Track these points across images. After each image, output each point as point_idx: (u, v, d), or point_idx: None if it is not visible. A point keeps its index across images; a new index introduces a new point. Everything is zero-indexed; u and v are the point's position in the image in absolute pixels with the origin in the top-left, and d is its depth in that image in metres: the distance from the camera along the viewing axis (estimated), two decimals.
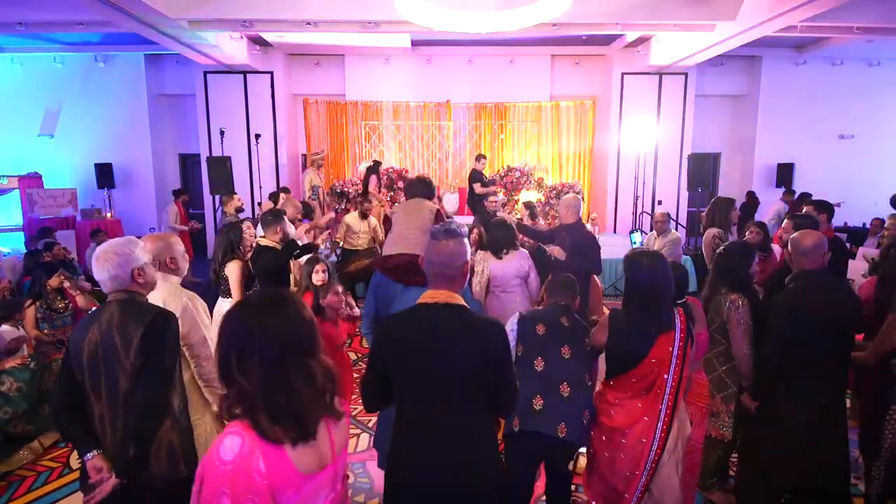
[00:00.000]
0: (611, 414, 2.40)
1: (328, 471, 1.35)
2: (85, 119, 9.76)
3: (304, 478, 1.28)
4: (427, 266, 1.83)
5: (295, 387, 1.26)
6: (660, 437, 2.29)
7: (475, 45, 9.67)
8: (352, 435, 3.95)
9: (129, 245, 2.07)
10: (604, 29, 7.57)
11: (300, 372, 1.28)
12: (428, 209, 2.75)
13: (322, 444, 1.33)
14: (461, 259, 1.79)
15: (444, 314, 1.75)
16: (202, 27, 7.13)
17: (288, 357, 1.27)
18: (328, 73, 10.25)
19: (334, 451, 1.37)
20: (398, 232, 2.75)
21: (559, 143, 10.25)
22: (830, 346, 2.54)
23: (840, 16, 6.80)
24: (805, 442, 2.55)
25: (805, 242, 2.61)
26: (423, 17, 5.72)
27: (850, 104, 10.23)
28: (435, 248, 1.80)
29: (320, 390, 1.30)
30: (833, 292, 2.59)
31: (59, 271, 4.59)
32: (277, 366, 1.25)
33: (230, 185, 8.38)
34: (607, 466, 2.42)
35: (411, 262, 2.58)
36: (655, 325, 2.31)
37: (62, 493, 3.33)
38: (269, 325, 1.27)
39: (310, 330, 1.33)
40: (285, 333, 1.28)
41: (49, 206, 9.03)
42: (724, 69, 10.21)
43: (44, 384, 3.86)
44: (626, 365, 2.35)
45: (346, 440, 1.44)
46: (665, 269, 2.34)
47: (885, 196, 10.08)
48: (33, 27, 7.29)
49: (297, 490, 1.26)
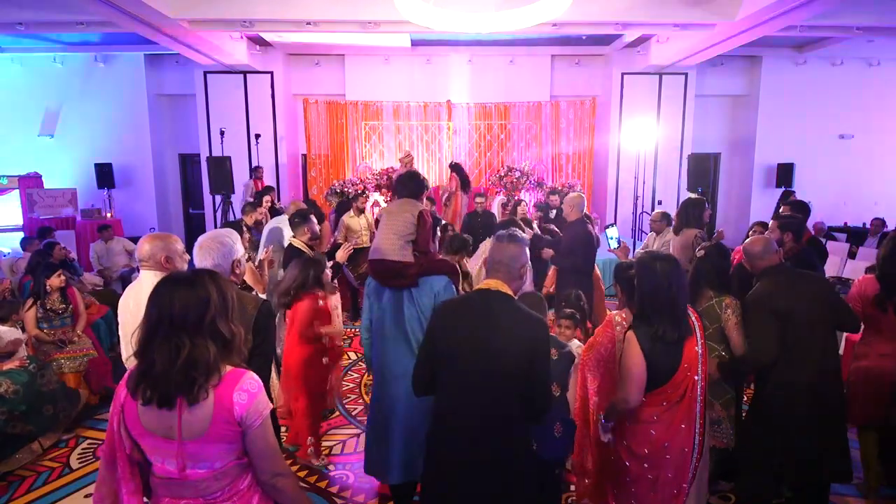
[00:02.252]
0: (650, 434, 2.22)
1: (173, 445, 1.44)
2: (85, 119, 9.76)
3: (146, 431, 1.46)
4: (490, 262, 2.05)
5: (152, 359, 1.41)
6: (699, 443, 2.22)
7: (475, 45, 9.67)
8: (352, 435, 3.95)
9: (232, 236, 2.16)
10: (604, 29, 7.57)
11: (165, 346, 1.41)
12: (409, 213, 2.64)
13: (170, 419, 1.43)
14: (520, 261, 2.02)
15: (497, 298, 1.95)
16: (202, 27, 7.13)
17: (159, 330, 1.42)
18: (328, 72, 10.25)
19: (180, 432, 1.43)
20: (378, 236, 2.71)
21: (559, 143, 10.25)
22: (813, 332, 2.61)
23: (840, 16, 6.81)
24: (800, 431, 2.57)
25: (755, 247, 2.83)
26: (422, 17, 5.71)
27: (850, 104, 10.22)
28: (498, 248, 2.04)
29: (179, 368, 1.39)
30: (803, 279, 2.77)
31: (58, 271, 4.58)
32: (146, 336, 1.43)
33: (231, 186, 8.40)
34: (650, 487, 2.25)
35: (388, 268, 2.60)
36: (681, 332, 2.21)
37: (62, 493, 3.33)
38: (163, 302, 1.44)
39: (200, 311, 1.44)
40: (168, 309, 1.42)
41: (49, 206, 9.03)
42: (724, 69, 10.21)
43: (45, 385, 3.86)
44: (662, 379, 2.20)
45: (204, 433, 1.44)
46: (680, 272, 2.25)
47: (886, 196, 10.12)
48: (33, 27, 7.29)
49: (140, 436, 1.48)
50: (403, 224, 2.63)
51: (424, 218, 2.65)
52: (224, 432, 1.46)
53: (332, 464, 3.58)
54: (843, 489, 3.27)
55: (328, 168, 10.10)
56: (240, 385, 1.47)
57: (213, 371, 1.43)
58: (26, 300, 4.52)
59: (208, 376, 1.43)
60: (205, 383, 1.42)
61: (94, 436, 4.00)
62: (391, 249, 2.59)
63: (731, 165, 10.99)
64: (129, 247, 7.80)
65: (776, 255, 2.83)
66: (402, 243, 2.59)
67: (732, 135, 10.88)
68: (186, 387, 1.40)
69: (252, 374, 1.52)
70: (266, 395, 1.54)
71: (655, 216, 5.61)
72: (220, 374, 1.46)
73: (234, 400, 1.45)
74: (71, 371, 4.29)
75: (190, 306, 1.43)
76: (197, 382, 1.40)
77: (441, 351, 1.95)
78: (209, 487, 1.50)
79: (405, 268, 2.57)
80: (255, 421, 1.48)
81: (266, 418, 1.51)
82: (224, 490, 1.52)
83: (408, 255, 2.59)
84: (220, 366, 1.47)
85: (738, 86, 10.52)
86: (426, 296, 2.58)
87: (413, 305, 2.60)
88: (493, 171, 9.98)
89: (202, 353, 1.42)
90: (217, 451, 1.48)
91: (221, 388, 1.45)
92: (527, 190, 9.52)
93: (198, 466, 1.48)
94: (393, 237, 2.61)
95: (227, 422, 1.45)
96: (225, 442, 1.47)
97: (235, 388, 1.46)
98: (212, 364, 1.43)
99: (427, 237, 2.64)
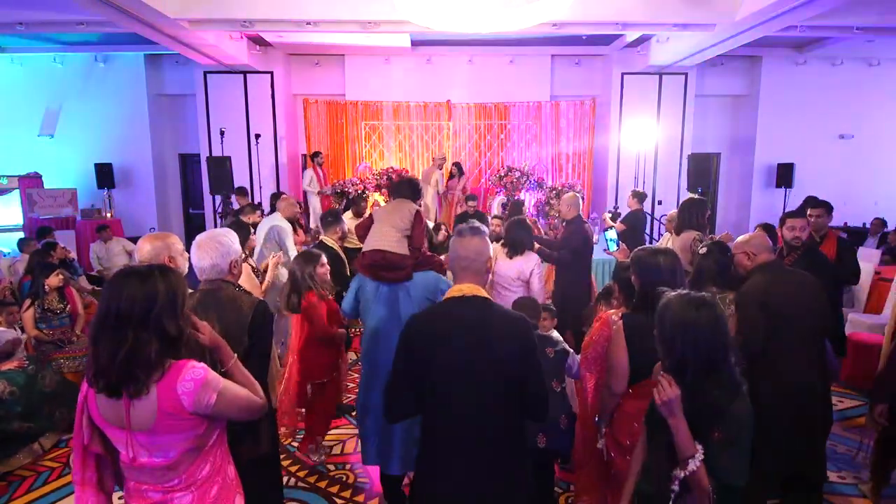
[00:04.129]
0: (633, 427, 2.17)
1: (124, 433, 1.49)
2: (85, 119, 9.76)
3: (104, 420, 1.52)
4: (453, 261, 1.92)
5: (99, 349, 1.45)
6: None
7: (475, 44, 9.67)
8: (351, 435, 3.95)
9: (230, 236, 2.17)
10: (604, 29, 7.56)
11: (110, 338, 1.44)
12: (407, 209, 2.78)
13: (120, 409, 1.47)
14: (485, 255, 1.89)
15: (473, 305, 1.81)
16: (202, 27, 7.13)
17: (106, 322, 1.45)
18: (328, 72, 10.25)
19: (128, 422, 1.47)
20: (375, 230, 2.80)
21: (559, 142, 10.25)
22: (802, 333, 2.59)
23: (840, 16, 6.81)
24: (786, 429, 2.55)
25: (753, 242, 2.79)
26: (422, 17, 5.70)
27: (850, 104, 10.22)
28: (461, 244, 1.89)
29: (120, 362, 1.42)
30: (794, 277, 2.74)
31: (56, 271, 4.58)
32: (96, 328, 1.47)
33: (231, 186, 8.40)
34: None
35: (385, 259, 2.65)
36: None
37: (62, 493, 3.34)
38: (111, 295, 1.46)
39: (146, 306, 1.45)
40: (115, 302, 1.45)
41: (49, 206, 9.03)
42: (724, 69, 10.21)
43: (45, 386, 3.86)
44: (647, 371, 2.14)
45: (151, 425, 1.47)
46: (679, 265, 2.26)
47: (886, 196, 10.12)
48: (33, 27, 7.29)
49: (102, 425, 1.54)
50: (401, 218, 2.73)
51: (420, 216, 2.78)
52: (172, 424, 1.47)
53: (333, 464, 3.58)
54: (844, 489, 3.28)
55: (328, 168, 10.10)
56: (182, 376, 1.48)
57: (154, 366, 1.45)
58: (24, 301, 4.52)
59: (149, 371, 1.44)
60: (145, 378, 1.44)
61: None
62: (390, 242, 2.67)
63: (731, 165, 10.98)
64: (128, 247, 7.80)
65: (771, 252, 2.82)
66: (400, 236, 2.68)
67: (732, 135, 10.88)
68: (127, 380, 1.43)
69: (195, 363, 1.52)
70: (215, 373, 1.55)
71: (671, 217, 5.39)
72: (163, 369, 1.47)
73: (179, 392, 1.46)
74: (70, 371, 4.29)
75: (136, 301, 1.45)
76: (137, 377, 1.43)
77: (426, 370, 1.77)
78: (164, 476, 1.54)
79: (402, 259, 2.66)
80: (209, 399, 1.49)
81: (222, 390, 1.52)
82: (181, 478, 1.55)
83: (404, 249, 2.68)
84: (164, 361, 1.48)
85: (738, 86, 10.52)
86: (420, 290, 2.68)
87: (409, 300, 2.67)
88: (493, 171, 9.97)
89: (144, 347, 1.43)
90: (168, 441, 1.50)
91: (164, 382, 1.46)
92: (527, 190, 9.51)
93: (152, 455, 1.51)
94: (391, 230, 2.70)
95: (175, 415, 1.47)
96: (175, 432, 1.49)
97: (178, 381, 1.47)
98: (153, 359, 1.45)
99: (421, 234, 2.75)
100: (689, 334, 1.65)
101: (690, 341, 1.65)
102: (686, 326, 1.66)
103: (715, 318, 1.66)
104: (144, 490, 1.56)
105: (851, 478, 3.41)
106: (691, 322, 1.65)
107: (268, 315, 2.09)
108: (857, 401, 4.44)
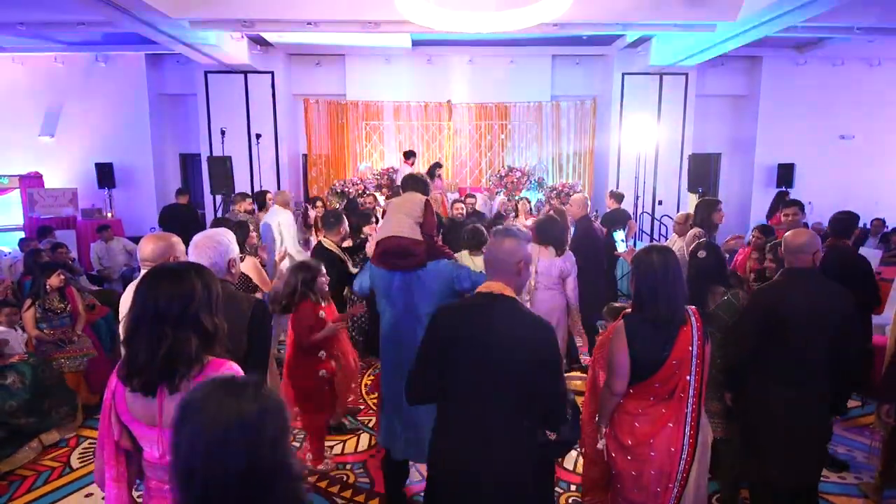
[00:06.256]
0: (634, 427, 2.22)
1: (155, 431, 1.50)
2: (85, 119, 9.76)
3: (133, 418, 1.51)
4: (486, 261, 1.99)
5: (136, 348, 1.45)
6: (689, 445, 2.16)
7: (475, 45, 9.67)
8: (352, 435, 3.95)
9: (228, 235, 2.16)
10: (604, 29, 7.57)
11: (147, 338, 1.44)
12: (418, 199, 2.80)
13: (152, 407, 1.48)
14: (517, 256, 1.92)
15: (499, 303, 1.86)
16: (203, 27, 7.13)
17: (143, 321, 1.45)
18: (328, 72, 10.25)
19: (161, 419, 1.48)
20: (388, 219, 2.82)
21: (559, 143, 10.25)
22: (812, 344, 2.49)
23: (840, 16, 6.80)
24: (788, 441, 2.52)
25: (796, 240, 2.60)
26: (423, 17, 5.71)
27: (851, 104, 10.22)
28: (494, 244, 1.96)
29: (161, 359, 1.42)
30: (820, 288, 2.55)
31: (57, 271, 4.58)
32: (131, 327, 1.47)
33: (232, 186, 8.40)
34: (633, 483, 2.24)
35: (399, 245, 2.65)
36: (673, 324, 2.17)
37: (62, 493, 3.33)
38: (147, 294, 1.47)
39: (183, 304, 1.46)
40: (153, 301, 1.45)
41: (49, 205, 9.03)
42: (725, 69, 10.21)
43: (46, 379, 3.90)
44: (647, 371, 2.18)
45: None
46: (676, 263, 2.23)
47: (886, 196, 10.12)
48: (34, 27, 7.29)
49: (130, 422, 1.53)
50: (412, 206, 2.74)
51: (430, 205, 2.79)
52: None
53: (333, 464, 3.58)
54: (844, 489, 3.28)
55: (328, 168, 10.10)
56: (222, 371, 1.48)
57: (194, 362, 1.47)
58: (25, 300, 4.52)
59: (189, 367, 1.46)
60: (186, 373, 1.45)
61: (94, 436, 3.99)
62: (402, 228, 2.68)
63: (732, 166, 10.98)
64: (129, 247, 7.80)
65: (813, 256, 2.58)
66: (412, 223, 2.69)
67: (733, 135, 10.88)
68: (168, 376, 1.44)
69: (233, 364, 1.54)
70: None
71: (679, 218, 5.27)
72: (202, 365, 1.49)
73: None
74: (71, 371, 4.30)
75: (174, 299, 1.46)
76: (178, 372, 1.44)
77: (446, 358, 1.87)
78: None
79: (415, 245, 2.65)
80: None
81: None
82: None
83: (417, 235, 2.68)
84: (203, 357, 1.50)
85: (739, 86, 10.52)
86: (434, 278, 2.67)
87: (423, 289, 2.66)
88: (494, 171, 9.97)
89: (184, 345, 1.45)
90: None
91: (203, 377, 1.47)
92: (527, 190, 9.51)
93: None
94: (404, 217, 2.70)
95: None
96: None
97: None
98: (193, 356, 1.46)
99: (433, 222, 2.76)
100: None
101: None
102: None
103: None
104: (167, 490, 1.54)
105: (852, 478, 3.41)
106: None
107: (267, 314, 2.09)
108: (857, 401, 4.44)
